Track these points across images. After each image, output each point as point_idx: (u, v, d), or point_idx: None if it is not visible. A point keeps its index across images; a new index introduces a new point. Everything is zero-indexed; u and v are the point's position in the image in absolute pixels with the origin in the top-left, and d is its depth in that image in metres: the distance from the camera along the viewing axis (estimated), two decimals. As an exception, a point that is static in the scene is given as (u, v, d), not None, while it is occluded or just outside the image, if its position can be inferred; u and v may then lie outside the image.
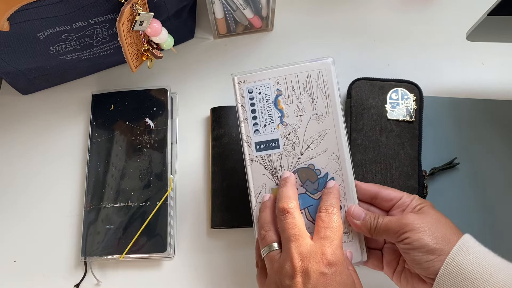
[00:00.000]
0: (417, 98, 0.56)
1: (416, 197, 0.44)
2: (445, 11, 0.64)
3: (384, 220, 0.42)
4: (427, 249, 0.39)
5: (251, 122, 0.47)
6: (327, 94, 0.47)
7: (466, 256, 0.38)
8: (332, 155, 0.46)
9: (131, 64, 0.52)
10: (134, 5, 0.46)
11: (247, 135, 0.47)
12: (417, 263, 0.40)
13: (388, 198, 0.45)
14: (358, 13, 0.65)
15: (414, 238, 0.39)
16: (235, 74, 0.48)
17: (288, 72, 0.47)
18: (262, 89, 0.47)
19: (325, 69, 0.47)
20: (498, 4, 0.46)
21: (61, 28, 0.48)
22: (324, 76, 0.47)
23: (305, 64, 0.47)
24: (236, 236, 0.55)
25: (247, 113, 0.47)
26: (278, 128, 0.47)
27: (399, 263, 0.44)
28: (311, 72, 0.47)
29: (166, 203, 0.54)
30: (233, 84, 0.48)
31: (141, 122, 0.58)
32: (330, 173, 0.46)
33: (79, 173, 0.58)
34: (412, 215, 0.41)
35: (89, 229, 0.54)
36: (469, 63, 0.61)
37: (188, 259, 0.55)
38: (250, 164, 0.47)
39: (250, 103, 0.47)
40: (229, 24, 0.61)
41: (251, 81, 0.48)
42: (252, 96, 0.47)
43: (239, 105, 0.48)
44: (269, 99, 0.47)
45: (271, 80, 0.47)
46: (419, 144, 0.54)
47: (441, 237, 0.39)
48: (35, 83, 0.59)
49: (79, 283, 0.53)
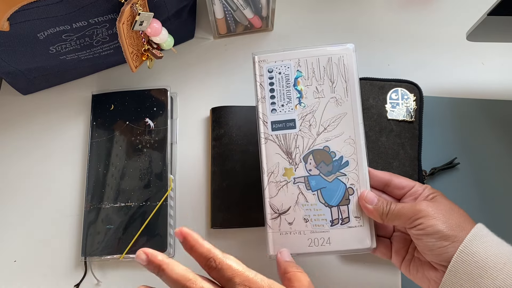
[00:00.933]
0: (417, 98, 0.56)
1: (428, 186, 0.44)
2: (445, 11, 0.64)
3: (397, 206, 0.42)
4: (441, 235, 0.39)
5: (268, 101, 0.47)
6: (347, 78, 0.47)
7: (480, 245, 0.38)
8: (348, 139, 0.46)
9: (131, 64, 0.52)
10: (134, 5, 0.46)
11: (263, 113, 0.47)
12: (430, 249, 0.39)
13: (400, 186, 0.45)
14: (358, 13, 0.65)
15: (428, 224, 0.39)
16: (256, 53, 0.48)
17: (310, 54, 0.47)
18: (282, 69, 0.47)
19: (346, 54, 0.47)
20: (498, 4, 0.46)
21: (61, 28, 0.48)
22: (345, 60, 0.47)
23: (327, 47, 0.47)
24: (236, 236, 0.55)
25: (265, 92, 0.47)
26: (295, 109, 0.47)
27: (408, 252, 0.44)
28: (333, 56, 0.47)
29: (166, 203, 0.54)
30: (253, 63, 0.48)
31: (141, 122, 0.58)
32: (345, 156, 0.46)
33: (79, 173, 0.58)
34: (426, 202, 0.41)
35: (89, 229, 0.54)
36: (469, 63, 0.61)
37: (188, 259, 0.54)
38: (265, 143, 0.47)
39: (269, 82, 0.47)
40: (229, 24, 0.61)
41: (271, 60, 0.48)
42: (271, 75, 0.48)
43: (258, 84, 0.48)
44: (289, 79, 0.47)
45: (292, 61, 0.47)
46: (419, 144, 0.54)
47: (455, 224, 0.39)
48: (35, 83, 0.59)
49: (79, 283, 0.53)
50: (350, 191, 0.45)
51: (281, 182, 0.46)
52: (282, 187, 0.46)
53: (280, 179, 0.46)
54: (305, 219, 0.45)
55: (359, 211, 0.45)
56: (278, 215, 0.45)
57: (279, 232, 0.45)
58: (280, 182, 0.46)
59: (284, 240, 0.45)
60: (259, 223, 0.54)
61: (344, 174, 0.45)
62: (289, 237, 0.45)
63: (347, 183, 0.45)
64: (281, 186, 0.46)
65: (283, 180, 0.46)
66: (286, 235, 0.45)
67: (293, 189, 0.45)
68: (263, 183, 0.46)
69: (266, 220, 0.46)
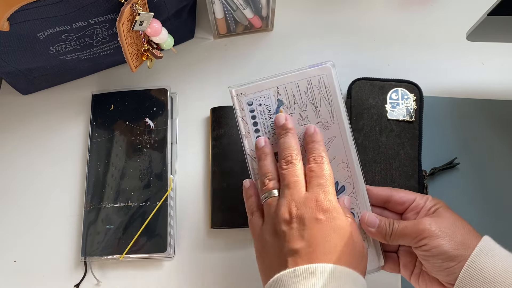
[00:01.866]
0: (417, 98, 0.56)
1: (429, 197, 0.44)
2: (445, 11, 0.64)
3: (400, 225, 0.41)
4: (447, 256, 0.38)
5: (253, 136, 0.46)
6: (330, 100, 0.45)
7: (487, 259, 0.38)
8: (341, 163, 0.45)
9: (131, 64, 0.52)
10: (134, 5, 0.46)
11: (251, 149, 0.46)
12: (437, 269, 0.39)
13: (401, 201, 0.44)
14: (358, 13, 0.65)
15: (433, 245, 0.39)
16: (232, 87, 0.46)
17: (288, 80, 0.46)
18: (262, 101, 0.46)
19: (325, 74, 0.45)
20: (498, 4, 0.46)
21: (61, 28, 0.48)
22: (326, 81, 0.45)
23: (304, 71, 0.46)
24: (236, 236, 0.55)
25: (249, 127, 0.46)
26: None
27: (416, 266, 0.44)
28: (312, 79, 0.45)
29: (166, 203, 0.54)
30: (231, 97, 0.46)
31: (141, 122, 0.58)
32: (340, 181, 0.45)
33: (79, 173, 0.58)
34: (428, 219, 0.40)
35: (89, 229, 0.54)
36: (469, 63, 0.61)
37: (188, 259, 0.55)
38: (258, 179, 0.45)
39: (251, 116, 0.46)
40: (229, 24, 0.61)
41: (250, 93, 0.46)
42: (252, 108, 0.46)
43: (240, 119, 0.46)
44: (271, 110, 0.46)
45: (270, 90, 0.46)
46: (419, 144, 0.54)
47: (460, 242, 0.39)
48: (35, 83, 0.59)
49: (79, 283, 0.53)
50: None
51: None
52: None
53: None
54: None
55: (362, 233, 0.44)
56: None
57: None
58: None
59: None
60: (259, 223, 0.54)
61: None
62: None
63: None
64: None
65: None
66: None
67: None
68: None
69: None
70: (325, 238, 0.38)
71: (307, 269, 0.36)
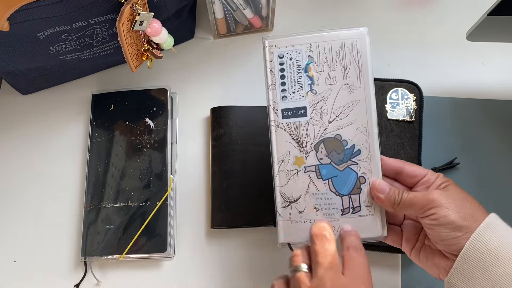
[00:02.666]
0: (417, 98, 0.56)
1: (441, 175, 0.44)
2: (445, 11, 0.64)
3: (409, 195, 0.41)
4: (454, 226, 0.39)
5: (279, 88, 0.46)
6: (360, 64, 0.45)
7: (493, 234, 0.38)
8: (361, 127, 0.45)
9: (131, 64, 0.52)
10: (134, 5, 0.46)
11: (274, 101, 0.46)
12: (443, 239, 0.39)
13: (412, 174, 0.44)
14: (358, 13, 0.65)
15: (441, 214, 0.39)
16: (266, 38, 0.47)
17: (322, 39, 0.46)
18: (293, 55, 0.46)
19: (359, 38, 0.46)
20: (498, 4, 0.46)
21: (61, 28, 0.48)
22: (358, 45, 0.45)
23: (340, 32, 0.46)
24: (236, 236, 0.55)
25: (275, 79, 0.46)
26: (307, 96, 0.46)
27: (419, 240, 0.44)
28: (345, 41, 0.46)
29: (166, 203, 0.54)
30: (263, 48, 0.46)
31: (141, 122, 0.58)
32: (357, 144, 0.45)
33: (79, 173, 0.58)
34: (438, 191, 0.41)
35: (89, 229, 0.54)
36: (469, 63, 0.61)
37: (188, 259, 0.55)
38: (275, 131, 0.46)
39: (279, 69, 0.46)
40: (229, 24, 0.61)
41: (282, 46, 0.46)
42: (282, 61, 0.46)
43: (268, 70, 0.46)
44: (300, 65, 0.46)
45: (303, 46, 0.46)
46: (419, 144, 0.54)
47: (468, 214, 0.39)
48: (35, 83, 0.59)
49: (79, 283, 0.53)
50: (362, 180, 0.44)
51: (292, 171, 0.45)
52: (293, 175, 0.45)
53: (291, 168, 0.45)
54: (316, 208, 0.44)
55: (370, 200, 0.44)
56: (288, 203, 0.45)
57: (289, 221, 0.45)
58: (290, 170, 0.45)
59: (295, 229, 0.45)
60: (259, 223, 0.54)
61: (355, 163, 0.45)
62: (299, 226, 0.44)
63: (358, 172, 0.44)
64: (291, 175, 0.45)
65: (293, 169, 0.45)
66: (297, 223, 0.45)
67: (304, 178, 0.45)
68: (273, 172, 0.46)
69: (277, 208, 0.45)
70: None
71: None
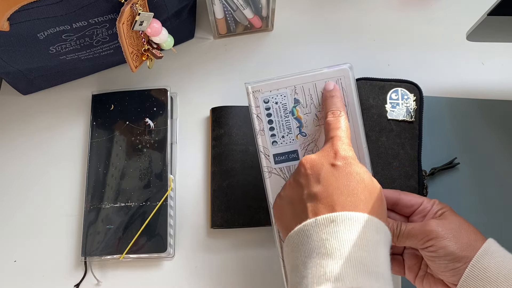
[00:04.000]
0: (417, 98, 0.56)
1: (436, 201, 0.44)
2: (445, 11, 0.64)
3: (407, 227, 0.41)
4: (453, 257, 0.39)
5: (268, 134, 0.46)
6: (346, 102, 0.45)
7: (491, 260, 0.38)
8: None
9: (131, 64, 0.52)
10: (134, 5, 0.46)
11: (264, 147, 0.46)
12: (443, 270, 0.39)
13: (409, 204, 0.44)
14: (358, 13, 0.65)
15: (439, 246, 0.39)
16: (249, 83, 0.46)
17: (305, 80, 0.45)
18: (278, 99, 0.45)
19: (343, 76, 0.45)
20: (498, 4, 0.46)
21: (61, 28, 0.48)
22: (343, 83, 0.45)
23: (322, 71, 0.45)
24: (236, 236, 0.55)
25: (263, 124, 0.46)
26: (297, 139, 0.46)
27: (421, 268, 0.44)
28: (330, 80, 0.45)
29: (166, 203, 0.54)
30: (247, 94, 0.46)
31: (141, 122, 0.58)
32: None
33: (79, 173, 0.58)
34: (435, 221, 0.41)
35: (89, 229, 0.54)
36: (469, 63, 0.61)
37: (188, 259, 0.55)
38: (269, 177, 0.45)
39: (266, 114, 0.46)
40: (229, 24, 0.61)
41: (266, 90, 0.45)
42: (268, 106, 0.46)
43: (255, 116, 0.46)
44: (287, 109, 0.45)
45: (287, 89, 0.45)
46: (419, 144, 0.54)
47: (466, 244, 0.39)
48: (35, 83, 0.59)
49: (79, 283, 0.53)
50: None
51: None
52: None
53: None
54: None
55: None
56: None
57: None
58: None
59: None
60: (259, 223, 0.54)
61: None
62: None
63: None
64: None
65: None
66: None
67: None
68: (271, 217, 0.45)
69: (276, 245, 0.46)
70: (343, 182, 0.38)
71: (328, 218, 0.36)
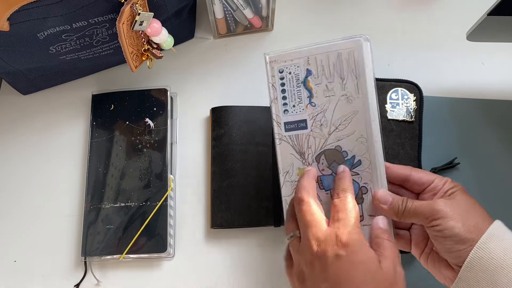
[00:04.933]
0: (417, 98, 0.56)
1: (448, 180, 0.43)
2: (445, 11, 0.64)
3: (414, 204, 0.41)
4: (459, 239, 0.38)
5: (281, 102, 0.47)
6: (357, 74, 0.45)
7: (497, 242, 0.38)
8: (360, 138, 0.45)
9: (131, 64, 0.52)
10: (134, 5, 0.46)
11: (277, 114, 0.47)
12: (447, 251, 0.39)
13: (420, 181, 0.44)
14: (358, 13, 0.65)
15: (446, 226, 0.39)
16: (267, 53, 0.47)
17: (319, 51, 0.46)
18: (292, 69, 0.47)
19: (356, 48, 0.45)
20: (498, 4, 0.46)
21: (61, 28, 0.48)
22: (356, 55, 0.45)
23: (336, 42, 0.46)
24: (236, 236, 0.55)
25: (277, 93, 0.47)
26: (306, 109, 0.46)
27: (427, 245, 0.44)
28: (342, 51, 0.46)
29: (166, 203, 0.54)
30: (265, 64, 0.47)
31: (141, 122, 0.58)
32: (357, 155, 0.45)
33: (79, 173, 0.58)
34: (443, 200, 0.40)
35: (89, 229, 0.54)
36: (469, 63, 0.61)
37: (188, 259, 0.55)
38: (279, 144, 0.47)
39: (280, 83, 0.47)
40: (229, 24, 0.61)
41: (281, 60, 0.47)
42: (282, 76, 0.47)
43: (270, 85, 0.47)
44: (299, 79, 0.47)
45: (301, 59, 0.47)
46: (419, 144, 0.54)
47: (473, 226, 0.39)
48: (35, 83, 0.59)
49: (79, 283, 0.53)
50: (364, 190, 0.44)
51: (296, 182, 0.46)
52: None
53: (295, 179, 0.46)
54: None
55: (373, 209, 0.44)
56: None
57: None
58: (294, 181, 0.46)
59: None
60: (259, 223, 0.54)
61: (356, 173, 0.45)
62: None
63: (360, 182, 0.45)
64: (295, 185, 0.45)
65: (297, 179, 0.46)
66: None
67: None
68: (279, 182, 0.47)
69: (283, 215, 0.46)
70: (348, 275, 0.37)
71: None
